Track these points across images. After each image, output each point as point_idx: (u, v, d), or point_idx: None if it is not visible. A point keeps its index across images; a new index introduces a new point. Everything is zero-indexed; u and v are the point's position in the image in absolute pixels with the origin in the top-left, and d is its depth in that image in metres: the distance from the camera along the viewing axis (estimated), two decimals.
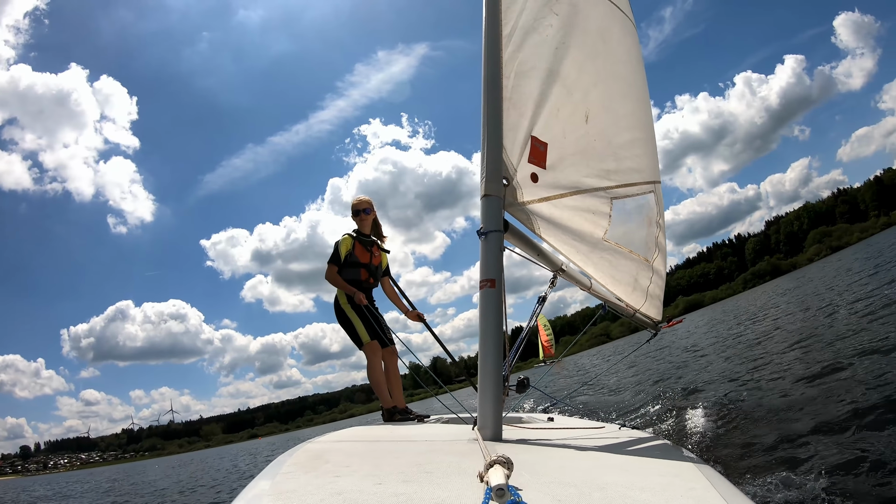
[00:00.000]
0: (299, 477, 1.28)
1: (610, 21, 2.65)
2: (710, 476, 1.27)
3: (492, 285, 1.92)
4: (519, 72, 2.17)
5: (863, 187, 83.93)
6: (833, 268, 28.63)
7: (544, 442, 1.91)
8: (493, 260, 1.95)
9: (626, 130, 2.56)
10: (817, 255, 71.33)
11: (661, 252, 2.82)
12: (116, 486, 17.80)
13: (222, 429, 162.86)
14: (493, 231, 1.97)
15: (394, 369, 4.06)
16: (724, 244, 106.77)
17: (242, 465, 15.89)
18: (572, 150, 2.26)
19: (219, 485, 11.14)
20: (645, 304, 2.81)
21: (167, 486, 12.21)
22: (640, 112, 2.70)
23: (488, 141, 2.03)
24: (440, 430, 2.54)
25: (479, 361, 1.94)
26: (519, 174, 2.06)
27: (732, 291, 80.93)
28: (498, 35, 2.17)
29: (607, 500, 1.09)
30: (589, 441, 1.97)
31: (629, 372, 13.16)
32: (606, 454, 1.71)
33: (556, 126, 2.22)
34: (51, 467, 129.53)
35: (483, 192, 2.00)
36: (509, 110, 2.10)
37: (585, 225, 2.26)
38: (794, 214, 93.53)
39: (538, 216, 2.11)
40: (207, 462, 20.37)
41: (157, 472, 20.70)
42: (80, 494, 15.98)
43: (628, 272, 2.59)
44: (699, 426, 5.14)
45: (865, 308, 8.30)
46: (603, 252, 2.39)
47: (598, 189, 2.31)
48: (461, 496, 1.09)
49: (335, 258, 3.92)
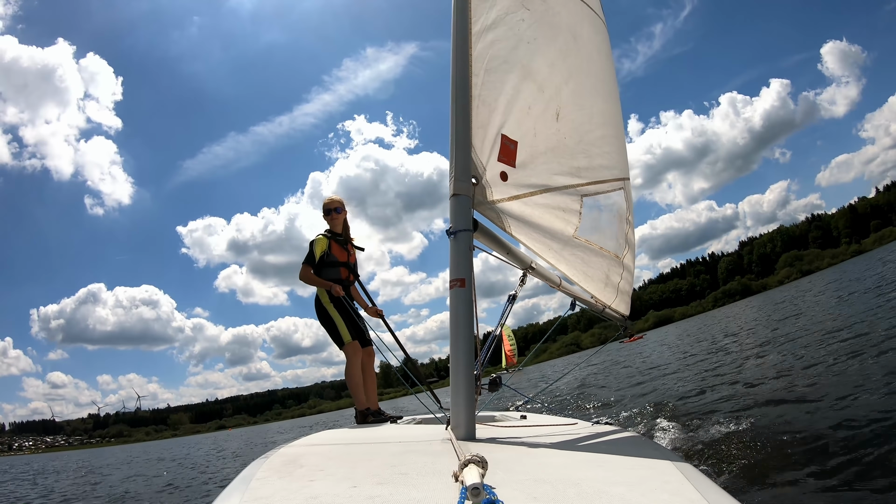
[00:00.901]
0: (274, 482, 1.26)
1: (580, 19, 2.66)
2: (683, 469, 1.28)
3: (462, 285, 1.91)
4: (489, 68, 2.15)
5: (837, 214, 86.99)
6: (796, 292, 29.78)
7: (518, 440, 1.91)
8: (462, 259, 1.94)
9: (596, 128, 2.57)
10: (787, 278, 73.82)
11: (631, 248, 2.85)
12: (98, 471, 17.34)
13: (190, 418, 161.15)
14: (462, 230, 1.95)
15: (370, 370, 4.07)
16: (698, 261, 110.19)
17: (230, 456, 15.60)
18: (543, 148, 2.26)
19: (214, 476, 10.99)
20: (616, 300, 2.85)
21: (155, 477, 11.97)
22: (610, 109, 2.72)
23: (457, 139, 2.01)
24: (414, 430, 2.53)
25: (450, 361, 1.93)
26: (488, 173, 2.05)
27: (702, 309, 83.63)
28: (467, 31, 2.14)
29: (582, 495, 1.09)
30: (562, 438, 1.98)
31: (600, 375, 13.59)
32: (580, 450, 1.72)
33: (526, 123, 2.21)
34: (16, 448, 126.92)
35: (452, 192, 1.98)
36: (479, 108, 2.08)
37: (556, 223, 2.27)
38: (769, 236, 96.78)
39: (508, 215, 2.11)
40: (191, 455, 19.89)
41: (139, 461, 20.02)
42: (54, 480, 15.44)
43: (600, 269, 2.62)
44: (670, 422, 5.35)
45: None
46: (574, 249, 2.41)
47: (569, 187, 2.31)
48: (437, 496, 1.09)
49: (310, 259, 3.89)
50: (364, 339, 3.99)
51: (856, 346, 6.44)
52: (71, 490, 11.51)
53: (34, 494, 11.41)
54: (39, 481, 15.38)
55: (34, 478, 17.33)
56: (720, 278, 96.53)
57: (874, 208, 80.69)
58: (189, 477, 10.65)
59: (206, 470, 11.78)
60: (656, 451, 1.60)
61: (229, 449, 20.05)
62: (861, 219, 79.97)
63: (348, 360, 3.88)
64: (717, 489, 1.14)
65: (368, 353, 4.04)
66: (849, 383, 4.77)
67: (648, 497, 1.10)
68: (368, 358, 4.05)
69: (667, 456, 1.48)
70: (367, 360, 4.03)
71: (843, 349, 6.50)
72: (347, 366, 3.89)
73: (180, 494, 7.95)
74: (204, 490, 7.88)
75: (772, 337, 11.28)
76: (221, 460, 14.19)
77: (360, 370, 3.92)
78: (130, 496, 8.76)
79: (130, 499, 8.46)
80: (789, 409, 4.62)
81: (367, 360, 4.04)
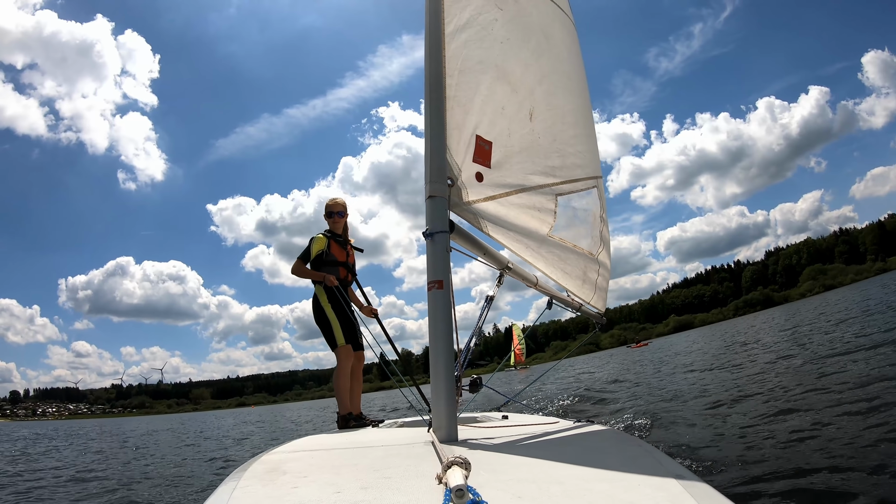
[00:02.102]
0: (257, 490, 1.26)
1: (552, 19, 2.69)
2: (666, 464, 1.30)
3: (439, 286, 1.91)
4: (463, 69, 2.14)
5: (865, 230, 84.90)
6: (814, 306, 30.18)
7: (500, 440, 1.92)
8: (440, 261, 1.94)
9: (569, 127, 2.60)
10: (810, 292, 72.10)
11: (606, 245, 2.91)
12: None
13: (211, 394, 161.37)
14: (439, 232, 1.95)
15: (358, 375, 4.08)
16: (723, 269, 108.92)
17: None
18: (518, 148, 2.28)
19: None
20: (594, 297, 2.90)
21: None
22: (582, 108, 2.76)
23: (431, 141, 2.00)
24: (396, 434, 2.52)
25: (430, 363, 1.92)
26: (464, 174, 2.05)
27: (723, 316, 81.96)
28: (440, 32, 2.14)
29: (566, 493, 1.10)
30: (544, 436, 2.00)
31: (593, 376, 13.92)
32: (562, 448, 1.74)
33: (500, 124, 2.22)
34: (39, 414, 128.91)
35: (428, 194, 1.97)
36: (453, 109, 2.08)
37: (532, 222, 2.29)
38: (795, 248, 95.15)
39: (484, 215, 2.11)
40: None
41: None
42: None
43: (577, 266, 2.66)
44: (652, 419, 5.51)
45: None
46: (551, 247, 2.43)
47: (544, 186, 2.34)
48: (421, 499, 1.09)
49: (305, 255, 3.93)
50: (357, 343, 4.00)
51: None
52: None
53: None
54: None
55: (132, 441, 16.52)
56: (744, 287, 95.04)
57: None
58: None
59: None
60: (639, 448, 1.62)
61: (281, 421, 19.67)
62: (889, 236, 77.58)
63: (339, 362, 3.88)
64: (700, 483, 1.15)
65: (359, 358, 4.05)
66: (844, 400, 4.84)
67: (632, 493, 1.11)
68: (358, 363, 4.06)
69: (649, 451, 1.50)
70: (356, 365, 4.03)
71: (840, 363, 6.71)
72: (337, 368, 3.88)
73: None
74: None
75: (775, 346, 11.77)
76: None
77: (350, 374, 3.92)
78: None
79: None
80: (766, 408, 4.85)
81: (357, 364, 4.05)
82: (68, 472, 8.06)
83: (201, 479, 6.24)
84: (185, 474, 6.97)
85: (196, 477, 6.60)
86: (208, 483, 5.78)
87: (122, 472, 7.67)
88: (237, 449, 10.18)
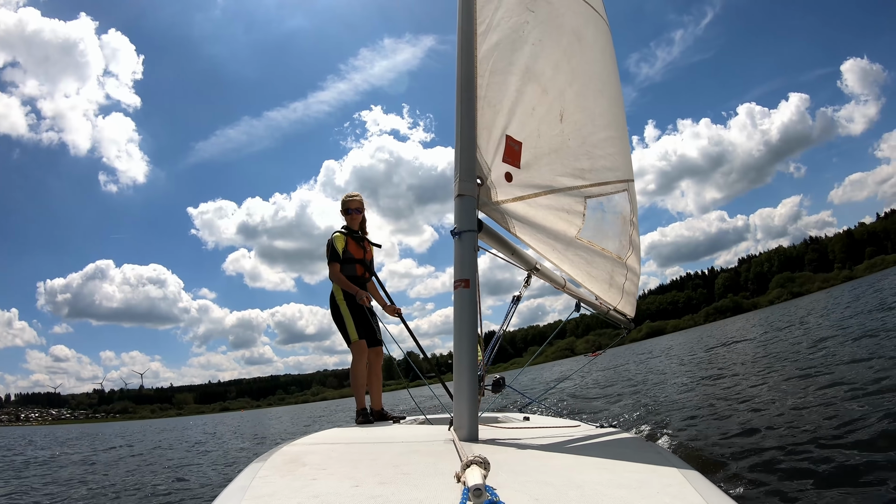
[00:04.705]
0: (276, 480, 1.28)
1: (584, 20, 2.66)
2: (685, 472, 1.28)
3: (466, 285, 1.91)
4: (494, 70, 2.15)
5: (834, 238, 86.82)
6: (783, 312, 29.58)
7: (520, 441, 1.91)
8: (467, 260, 1.94)
9: (600, 129, 2.57)
10: (778, 298, 73.97)
11: (635, 250, 2.85)
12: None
13: (194, 398, 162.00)
14: (467, 231, 1.95)
15: (377, 370, 4.04)
16: (697, 275, 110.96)
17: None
18: (547, 149, 2.26)
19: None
20: (621, 302, 2.85)
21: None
22: (613, 111, 2.72)
23: (462, 140, 2.01)
24: (416, 430, 2.53)
25: (454, 362, 1.93)
26: (493, 174, 2.05)
27: (694, 322, 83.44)
28: (472, 32, 2.15)
29: (584, 498, 1.10)
30: (565, 440, 1.98)
31: (602, 379, 13.66)
32: (583, 453, 1.72)
33: (530, 125, 2.21)
34: (22, 419, 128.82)
35: (457, 192, 1.98)
36: (484, 109, 2.09)
37: (559, 224, 2.26)
38: (766, 256, 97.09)
39: (513, 216, 2.11)
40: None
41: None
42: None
43: (604, 270, 2.61)
44: (673, 427, 5.35)
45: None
46: (578, 250, 2.40)
47: (573, 188, 2.31)
48: (438, 497, 1.09)
49: (335, 256, 3.89)
50: (373, 339, 3.97)
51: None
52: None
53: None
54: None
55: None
56: (717, 293, 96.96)
57: (871, 234, 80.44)
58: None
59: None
60: (659, 455, 1.60)
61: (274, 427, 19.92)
62: (857, 244, 79.71)
63: (354, 358, 3.88)
64: (719, 493, 1.14)
65: (376, 353, 4.01)
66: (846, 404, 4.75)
67: (650, 500, 1.10)
68: (376, 358, 4.02)
69: (669, 459, 1.48)
70: (374, 360, 4.00)
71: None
72: (353, 364, 3.88)
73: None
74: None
75: (772, 349, 11.41)
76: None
77: (365, 370, 3.91)
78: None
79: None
80: (793, 418, 4.63)
81: (375, 360, 4.01)
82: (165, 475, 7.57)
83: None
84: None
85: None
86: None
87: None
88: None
